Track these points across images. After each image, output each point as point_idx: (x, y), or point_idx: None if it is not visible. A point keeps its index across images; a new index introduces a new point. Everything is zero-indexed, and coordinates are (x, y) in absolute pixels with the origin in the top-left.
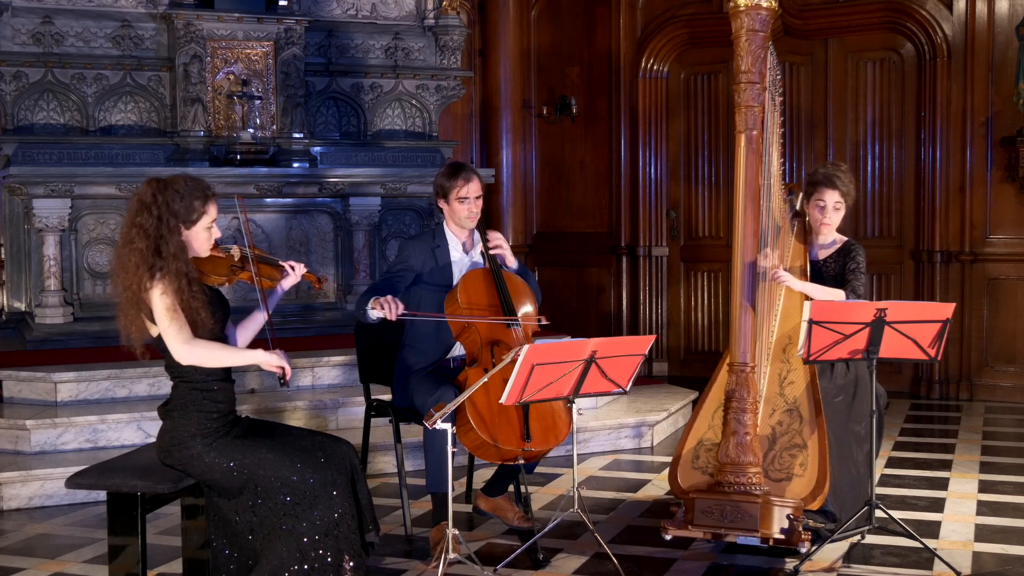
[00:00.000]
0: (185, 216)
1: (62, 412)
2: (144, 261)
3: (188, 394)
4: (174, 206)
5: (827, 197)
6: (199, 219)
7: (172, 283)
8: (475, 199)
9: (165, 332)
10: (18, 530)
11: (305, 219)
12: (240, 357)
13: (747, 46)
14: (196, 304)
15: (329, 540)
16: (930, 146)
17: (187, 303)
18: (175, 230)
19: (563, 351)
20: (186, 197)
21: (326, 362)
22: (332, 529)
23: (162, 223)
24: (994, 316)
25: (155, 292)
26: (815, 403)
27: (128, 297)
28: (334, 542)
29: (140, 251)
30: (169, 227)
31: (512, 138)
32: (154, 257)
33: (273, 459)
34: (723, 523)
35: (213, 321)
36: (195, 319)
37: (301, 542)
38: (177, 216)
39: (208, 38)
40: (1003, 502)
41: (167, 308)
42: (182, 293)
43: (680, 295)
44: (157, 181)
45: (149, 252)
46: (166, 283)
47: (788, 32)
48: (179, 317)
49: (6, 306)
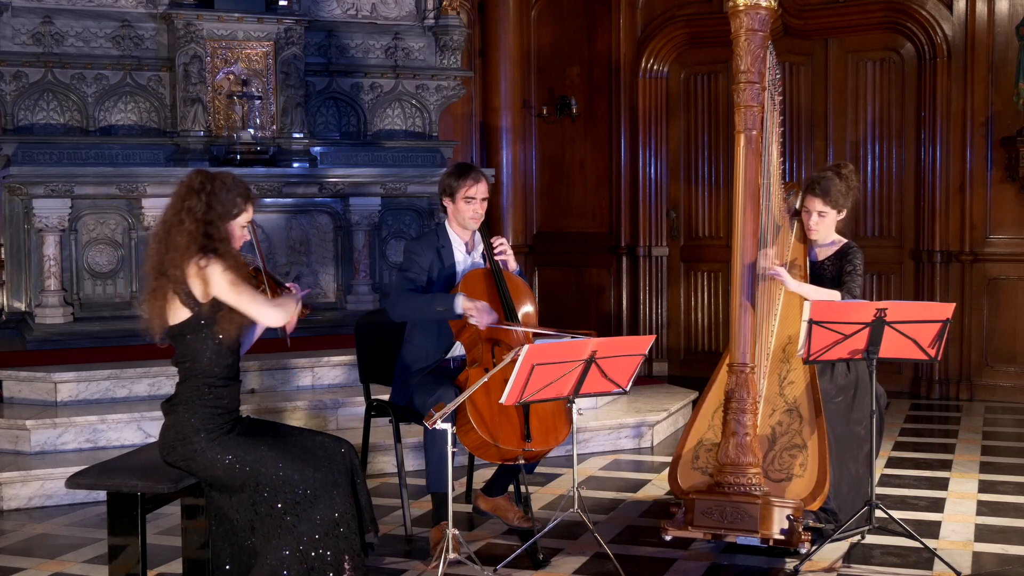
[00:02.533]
0: (229, 208)
1: (62, 412)
2: (195, 241)
3: (196, 389)
4: (221, 196)
5: (811, 204)
6: (239, 215)
7: (229, 261)
8: (481, 200)
9: (243, 303)
10: (18, 530)
11: (305, 219)
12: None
13: (746, 46)
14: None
15: (329, 540)
16: (930, 146)
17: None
18: (224, 217)
19: (563, 351)
20: (232, 191)
21: (326, 362)
22: (332, 529)
23: (211, 209)
24: (994, 316)
25: (214, 270)
26: (815, 403)
27: (164, 279)
28: (334, 542)
29: (190, 232)
30: (217, 213)
31: (512, 138)
32: (205, 239)
33: (274, 457)
34: (723, 523)
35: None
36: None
37: (301, 541)
38: (223, 205)
39: (208, 38)
40: (1003, 502)
41: (231, 283)
42: (241, 270)
43: (680, 295)
44: (205, 172)
45: (199, 234)
46: (225, 261)
47: (788, 32)
48: (248, 288)
49: (6, 306)
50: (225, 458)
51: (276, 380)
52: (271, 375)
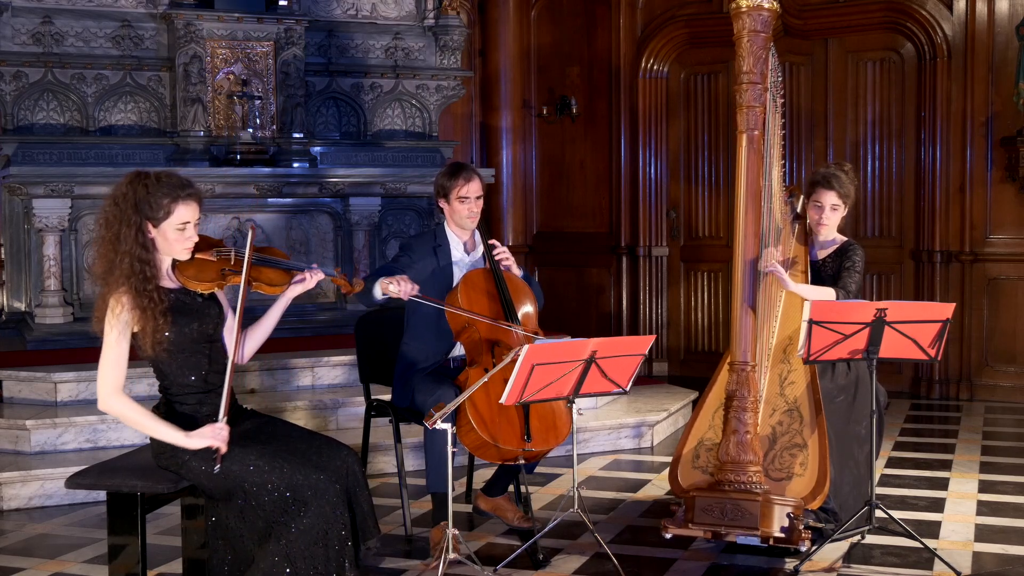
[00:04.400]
0: (150, 212)
1: (62, 412)
2: (105, 256)
3: (168, 404)
4: (140, 201)
5: (824, 198)
6: (166, 217)
7: (124, 284)
8: (476, 199)
9: (100, 361)
10: (18, 530)
11: (305, 219)
12: (158, 431)
13: (749, 47)
14: (148, 304)
15: (319, 549)
16: (930, 146)
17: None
18: (134, 224)
19: (563, 351)
20: (154, 193)
21: (326, 362)
22: (322, 538)
23: (123, 216)
24: (994, 316)
25: (112, 297)
26: (815, 403)
27: (98, 292)
28: (324, 551)
29: (106, 240)
30: (128, 221)
31: (512, 138)
32: (112, 253)
33: (262, 466)
34: (723, 521)
35: (170, 323)
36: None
37: (290, 549)
38: (140, 211)
39: (208, 38)
40: (1003, 502)
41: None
42: (137, 291)
43: (680, 295)
44: (136, 174)
45: (109, 244)
46: (123, 286)
47: (788, 32)
48: (118, 357)
49: (6, 306)
50: (211, 468)
51: (276, 380)
52: (271, 375)
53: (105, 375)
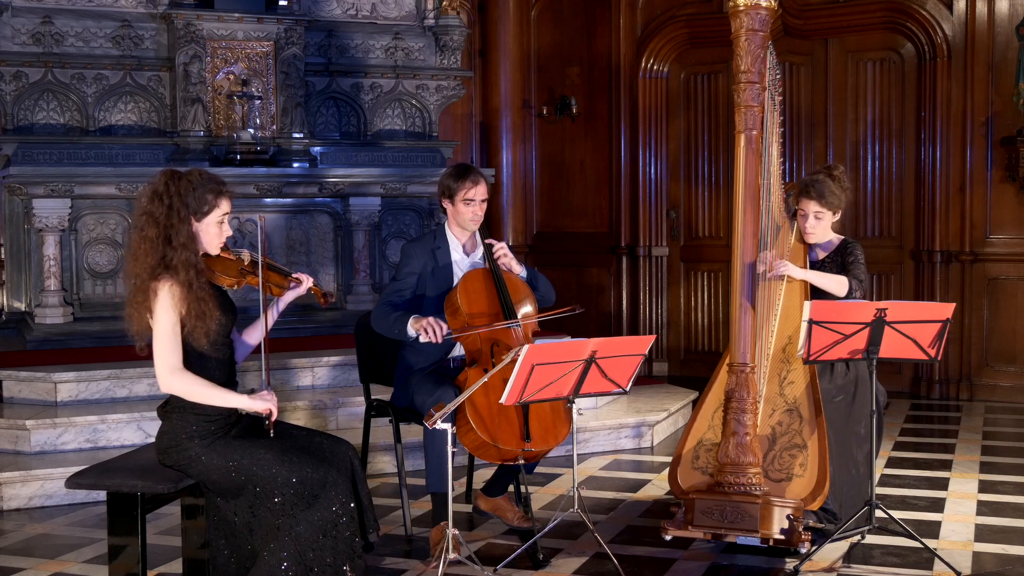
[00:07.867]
0: (196, 207)
1: (62, 412)
2: (155, 250)
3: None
4: (186, 196)
5: (807, 207)
6: (210, 211)
7: (181, 275)
8: (480, 202)
9: (156, 345)
10: (18, 530)
11: (305, 219)
12: (224, 399)
13: (747, 46)
14: (203, 295)
15: (327, 541)
16: (930, 146)
17: (195, 294)
18: (186, 220)
19: (563, 351)
20: (199, 188)
21: (326, 362)
22: (331, 530)
23: (173, 211)
24: (994, 316)
25: (163, 285)
26: (815, 403)
27: (136, 285)
28: (332, 543)
29: (150, 239)
30: (180, 216)
31: (512, 138)
32: (164, 246)
33: (271, 459)
34: (723, 523)
35: (220, 314)
36: (203, 310)
37: (299, 543)
38: (188, 206)
39: (208, 38)
40: (1003, 502)
41: (168, 317)
42: (191, 284)
43: (680, 295)
44: (172, 172)
45: (160, 241)
46: (176, 278)
47: (788, 32)
48: (175, 338)
49: (6, 306)
50: (221, 465)
51: (276, 380)
52: (271, 375)
53: (165, 357)
